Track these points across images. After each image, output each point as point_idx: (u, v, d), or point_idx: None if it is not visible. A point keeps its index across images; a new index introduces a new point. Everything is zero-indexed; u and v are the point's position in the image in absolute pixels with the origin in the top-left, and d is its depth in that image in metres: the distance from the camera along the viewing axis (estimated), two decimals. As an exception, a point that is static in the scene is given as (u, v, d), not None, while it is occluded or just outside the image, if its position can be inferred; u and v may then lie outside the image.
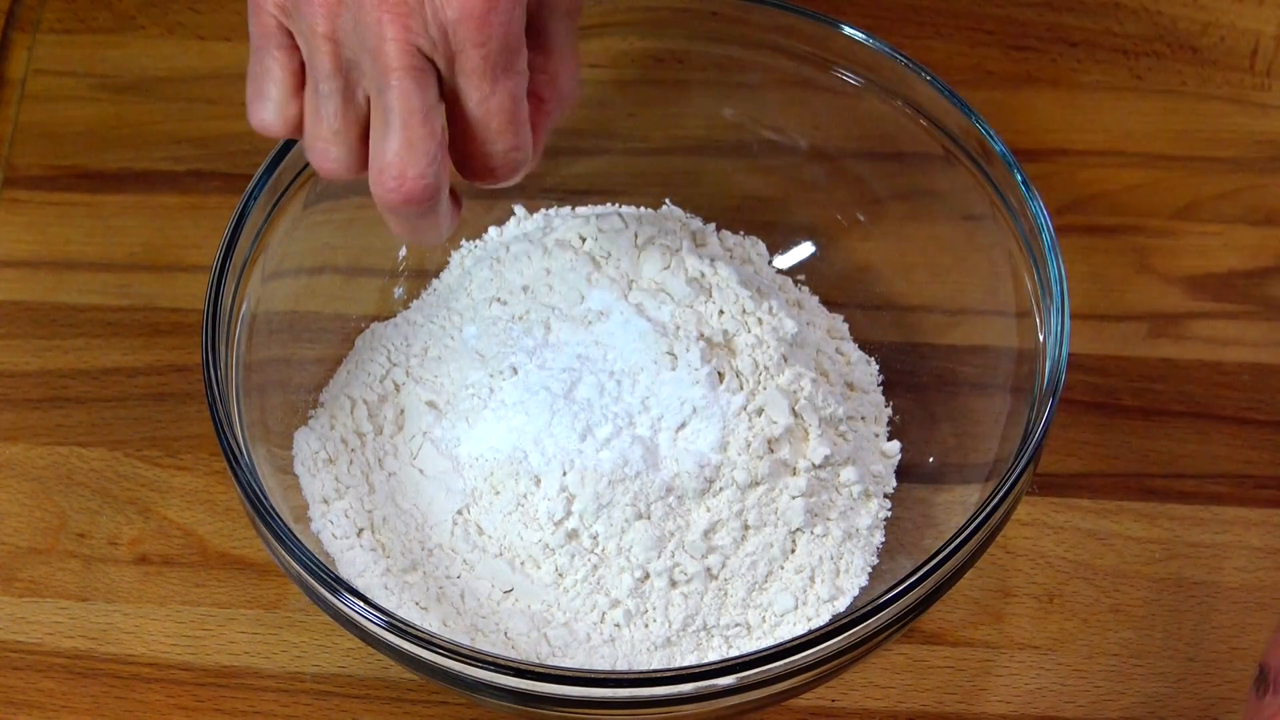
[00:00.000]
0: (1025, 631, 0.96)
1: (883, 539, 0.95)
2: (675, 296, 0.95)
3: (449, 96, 0.82)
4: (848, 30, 0.98)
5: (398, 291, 1.01)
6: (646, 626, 0.92)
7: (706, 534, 0.91)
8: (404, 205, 0.82)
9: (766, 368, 0.93)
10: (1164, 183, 1.09)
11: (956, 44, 1.13)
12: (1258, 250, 1.07)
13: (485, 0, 0.79)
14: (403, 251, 1.02)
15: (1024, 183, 0.93)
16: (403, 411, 0.96)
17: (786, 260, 1.03)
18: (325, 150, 0.83)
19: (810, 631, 0.85)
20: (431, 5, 0.79)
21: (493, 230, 1.03)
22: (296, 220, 0.96)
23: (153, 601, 0.97)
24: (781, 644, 0.84)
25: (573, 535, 0.91)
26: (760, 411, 0.92)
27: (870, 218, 1.02)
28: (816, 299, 1.02)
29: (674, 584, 0.91)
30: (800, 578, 0.93)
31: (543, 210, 1.03)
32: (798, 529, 0.93)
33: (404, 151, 0.81)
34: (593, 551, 0.91)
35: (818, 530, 0.93)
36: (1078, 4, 1.14)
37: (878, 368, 1.00)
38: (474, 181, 0.84)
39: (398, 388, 0.97)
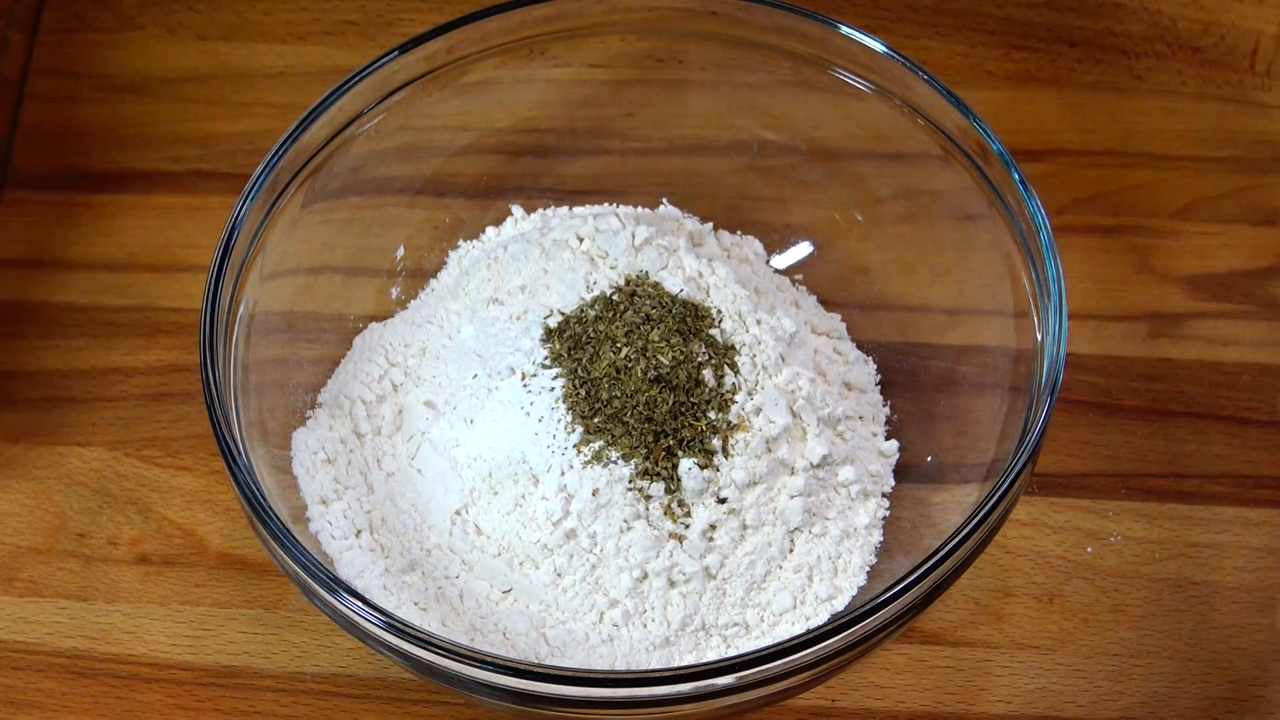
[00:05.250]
0: (1025, 631, 0.96)
1: (881, 538, 0.95)
2: (673, 296, 0.95)
3: None
4: (847, 30, 0.98)
5: (395, 291, 1.01)
6: (645, 626, 0.92)
7: (705, 533, 0.91)
8: None
9: (764, 367, 0.93)
10: (1164, 183, 1.09)
11: (956, 44, 1.13)
12: (1258, 250, 1.06)
13: None
14: (400, 251, 1.02)
15: (1022, 182, 0.93)
16: (401, 412, 0.96)
17: (784, 260, 1.03)
18: None
19: (809, 631, 0.85)
20: None
21: (490, 230, 1.03)
22: (294, 220, 0.96)
23: (153, 601, 0.97)
24: (780, 643, 0.84)
25: (571, 535, 0.91)
26: (758, 411, 0.92)
27: (869, 218, 1.02)
28: (814, 298, 1.02)
29: (672, 584, 0.91)
30: (799, 577, 0.93)
31: (540, 210, 1.03)
32: (796, 528, 0.93)
33: None
34: (591, 551, 0.91)
35: (816, 530, 0.93)
36: (1078, 4, 1.14)
37: (875, 367, 1.00)
38: None
39: (396, 388, 0.97)
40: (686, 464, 0.91)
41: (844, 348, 1.00)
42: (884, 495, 0.96)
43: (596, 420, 0.92)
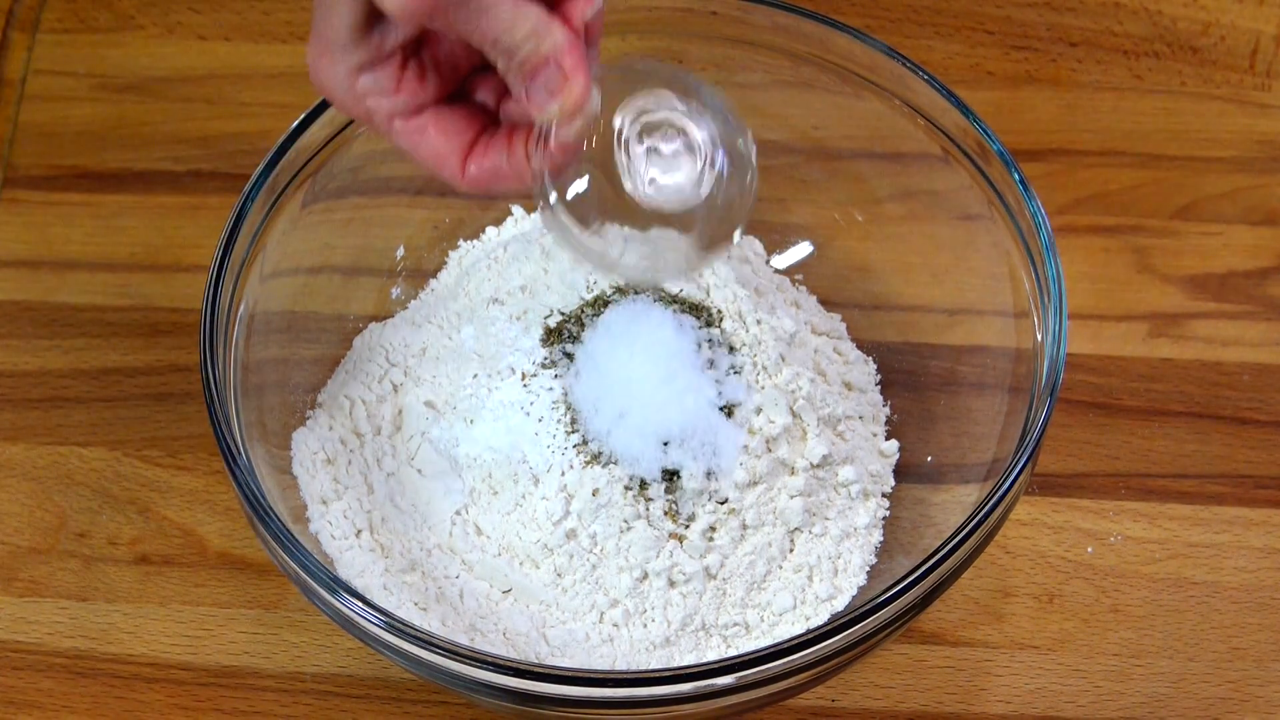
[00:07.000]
0: (1025, 631, 0.96)
1: (881, 538, 0.95)
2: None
3: None
4: (847, 30, 0.98)
5: (395, 291, 1.01)
6: (645, 626, 0.92)
7: (705, 533, 0.91)
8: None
9: (764, 367, 0.93)
10: (1164, 183, 1.09)
11: (956, 44, 1.13)
12: (1258, 250, 1.06)
13: None
14: (400, 251, 1.02)
15: (1021, 182, 0.93)
16: (401, 412, 0.96)
17: (785, 260, 1.03)
18: None
19: (809, 631, 0.84)
20: None
21: (490, 230, 1.03)
22: (294, 220, 0.96)
23: (153, 601, 0.97)
24: (780, 643, 0.84)
25: (571, 535, 0.91)
26: (758, 411, 0.92)
27: (868, 217, 1.02)
28: (814, 298, 1.02)
29: (672, 584, 0.91)
30: (799, 577, 0.93)
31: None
32: (796, 528, 0.93)
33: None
34: (591, 551, 0.91)
35: (816, 529, 0.93)
36: (1078, 4, 1.14)
37: (875, 367, 1.00)
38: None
39: (396, 388, 0.97)
40: (687, 464, 0.91)
41: (844, 348, 1.00)
42: (884, 495, 0.96)
43: (597, 420, 0.92)
